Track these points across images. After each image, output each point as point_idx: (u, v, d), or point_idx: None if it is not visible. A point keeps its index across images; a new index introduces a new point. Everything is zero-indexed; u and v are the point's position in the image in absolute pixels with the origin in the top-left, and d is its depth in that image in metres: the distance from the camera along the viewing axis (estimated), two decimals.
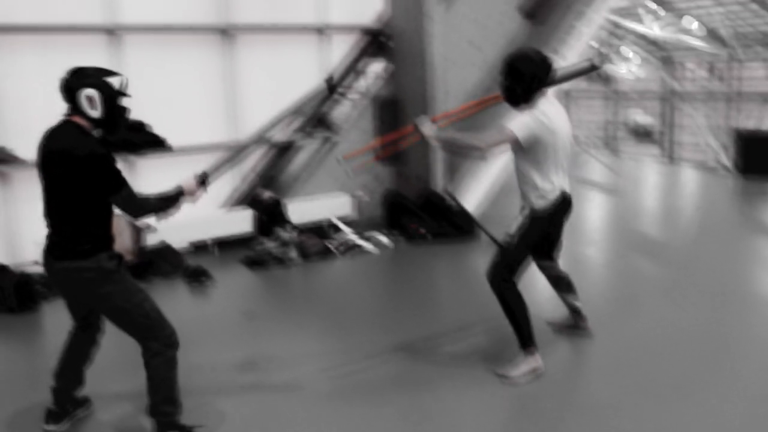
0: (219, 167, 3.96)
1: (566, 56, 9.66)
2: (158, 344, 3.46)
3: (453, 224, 7.93)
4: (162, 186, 7.48)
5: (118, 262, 3.45)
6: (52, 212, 3.40)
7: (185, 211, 7.48)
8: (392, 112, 8.62)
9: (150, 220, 7.14)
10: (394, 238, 7.90)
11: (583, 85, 21.55)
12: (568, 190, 4.37)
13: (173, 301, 6.32)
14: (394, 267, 7.28)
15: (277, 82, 8.13)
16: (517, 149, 4.23)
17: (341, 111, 8.72)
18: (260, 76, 8.01)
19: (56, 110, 3.41)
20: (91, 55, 7.04)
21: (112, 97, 3.32)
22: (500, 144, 4.11)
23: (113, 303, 3.43)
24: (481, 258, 7.49)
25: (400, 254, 7.58)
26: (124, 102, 3.40)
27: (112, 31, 7.15)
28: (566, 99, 21.07)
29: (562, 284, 4.84)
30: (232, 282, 6.74)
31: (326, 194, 8.33)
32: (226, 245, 7.73)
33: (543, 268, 4.79)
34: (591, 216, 9.36)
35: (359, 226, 8.20)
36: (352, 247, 7.51)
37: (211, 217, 7.60)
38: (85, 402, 3.98)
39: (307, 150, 8.65)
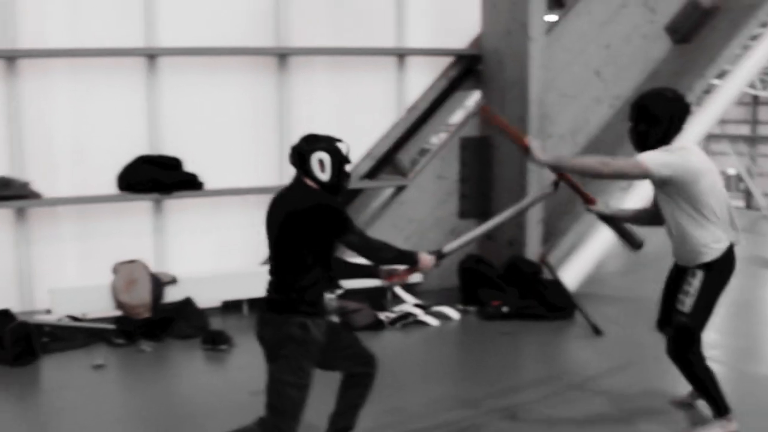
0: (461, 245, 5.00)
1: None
2: (273, 427, 4.25)
3: (545, 302, 8.22)
4: (195, 230, 8.49)
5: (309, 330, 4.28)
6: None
7: (217, 266, 8.41)
8: (479, 155, 9.04)
9: (175, 272, 8.10)
10: (464, 313, 8.24)
11: None
12: (736, 243, 4.87)
13: (181, 369, 7.02)
14: (453, 346, 7.62)
15: (342, 116, 8.80)
16: (666, 197, 4.77)
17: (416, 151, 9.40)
18: (321, 109, 8.71)
19: (84, 143, 4.32)
20: (127, 80, 8.14)
21: (340, 162, 4.32)
22: (627, 174, 4.76)
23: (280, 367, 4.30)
24: (571, 346, 7.68)
25: (465, 331, 7.88)
26: (348, 168, 4.41)
27: (150, 55, 8.09)
28: (751, 144, 20.12)
29: None
30: (255, 351, 7.37)
31: None
32: None
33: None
34: None
35: (426, 296, 8.55)
36: (405, 317, 7.92)
37: (247, 273, 8.32)
38: None
39: (378, 199, 9.33)
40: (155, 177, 7.97)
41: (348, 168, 4.41)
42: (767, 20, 9.55)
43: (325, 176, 4.28)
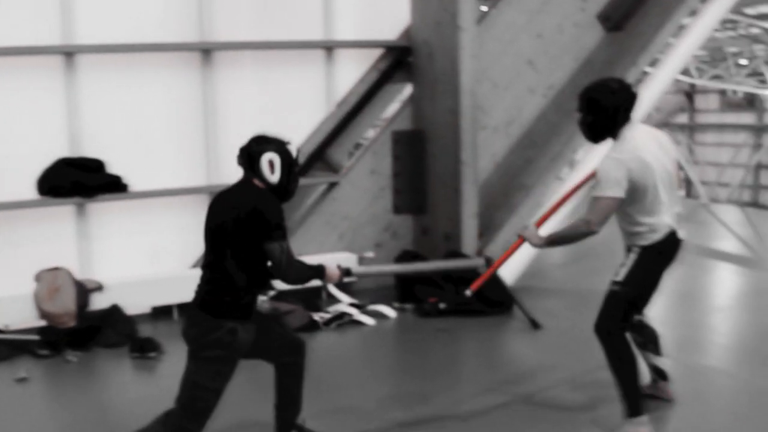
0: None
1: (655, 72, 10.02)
2: (180, 424, 4.37)
3: (483, 298, 8.29)
4: (121, 234, 8.40)
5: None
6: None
7: (146, 271, 8.35)
8: (412, 148, 9.13)
9: (99, 279, 8.02)
10: (401, 311, 8.32)
11: (714, 118, 20.85)
12: (676, 228, 5.01)
13: (109, 379, 6.95)
14: (390, 345, 7.73)
15: (270, 112, 8.76)
16: None
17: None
18: (247, 105, 8.69)
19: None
20: (44, 80, 8.00)
21: (290, 164, 4.38)
22: (609, 213, 4.84)
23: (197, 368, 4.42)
24: (510, 341, 7.83)
25: (402, 330, 7.97)
26: (296, 170, 4.48)
27: (68, 53, 7.96)
28: (689, 133, 20.64)
29: (647, 341, 5.39)
30: (185, 357, 7.35)
31: (323, 253, 8.78)
32: None
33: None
34: (713, 302, 9.23)
35: (362, 295, 8.60)
36: (341, 317, 7.95)
37: (177, 277, 8.25)
38: None
39: (310, 196, 9.34)
40: (77, 180, 7.88)
41: (296, 170, 4.48)
42: (697, 8, 9.76)
43: (274, 178, 4.35)
